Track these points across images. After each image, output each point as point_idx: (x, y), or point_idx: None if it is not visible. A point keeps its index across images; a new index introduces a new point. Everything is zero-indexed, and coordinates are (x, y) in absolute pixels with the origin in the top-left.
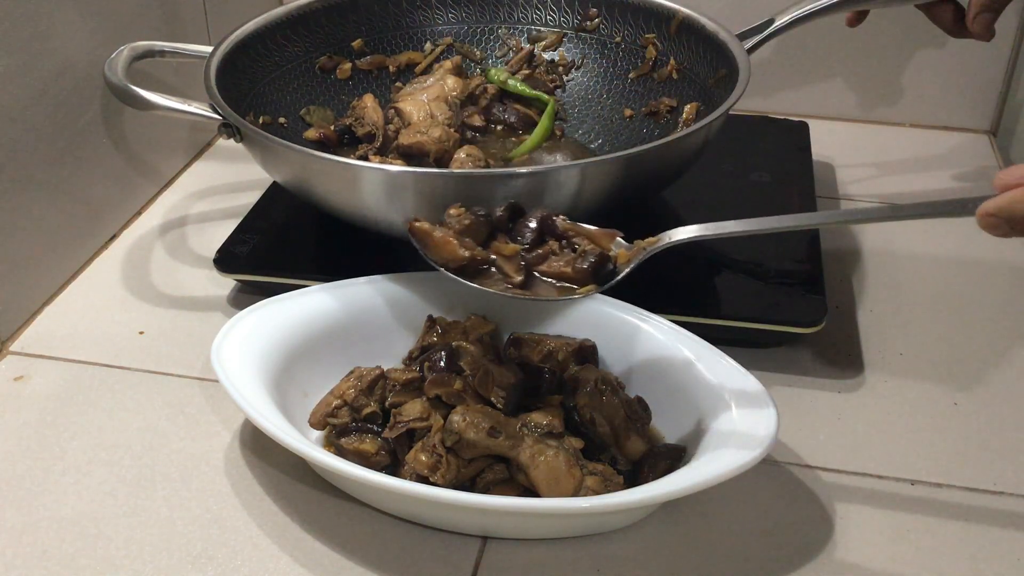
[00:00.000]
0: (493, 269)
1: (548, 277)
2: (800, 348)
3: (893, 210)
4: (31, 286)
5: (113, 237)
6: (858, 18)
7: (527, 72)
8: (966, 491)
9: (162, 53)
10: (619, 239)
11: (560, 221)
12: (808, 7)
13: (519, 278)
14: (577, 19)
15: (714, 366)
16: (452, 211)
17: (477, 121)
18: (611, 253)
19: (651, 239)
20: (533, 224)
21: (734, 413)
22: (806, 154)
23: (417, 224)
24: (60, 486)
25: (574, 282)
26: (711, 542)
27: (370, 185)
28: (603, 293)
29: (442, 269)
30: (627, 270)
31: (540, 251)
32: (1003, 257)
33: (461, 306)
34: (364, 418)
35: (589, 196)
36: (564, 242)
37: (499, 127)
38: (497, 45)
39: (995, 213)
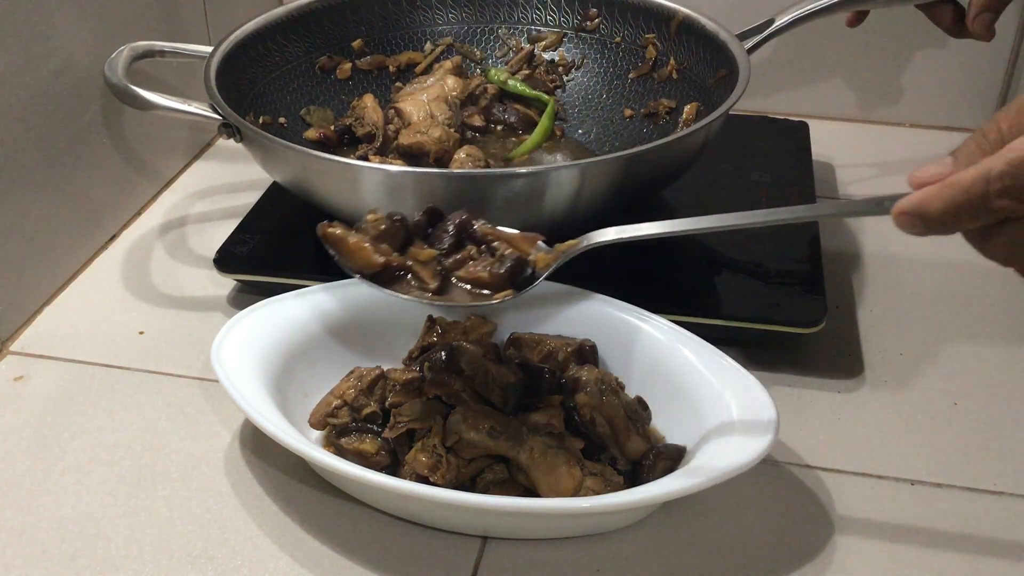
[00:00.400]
0: (409, 276)
1: (465, 283)
2: (800, 348)
3: (810, 210)
4: (31, 286)
5: (113, 237)
6: (858, 18)
7: (527, 72)
8: (966, 491)
9: (162, 53)
10: (540, 243)
11: (480, 225)
12: (808, 7)
13: (435, 284)
14: (577, 19)
15: (714, 366)
16: (369, 216)
17: (477, 121)
18: (530, 257)
19: (571, 242)
20: (451, 229)
21: (734, 413)
22: (806, 154)
23: (330, 229)
24: (60, 486)
25: (490, 287)
26: (711, 542)
27: (370, 185)
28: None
29: (357, 276)
30: (546, 274)
31: (458, 256)
32: None
33: None
34: (364, 418)
35: (589, 196)
36: (483, 247)
37: (499, 127)
38: (497, 45)
39: (909, 211)
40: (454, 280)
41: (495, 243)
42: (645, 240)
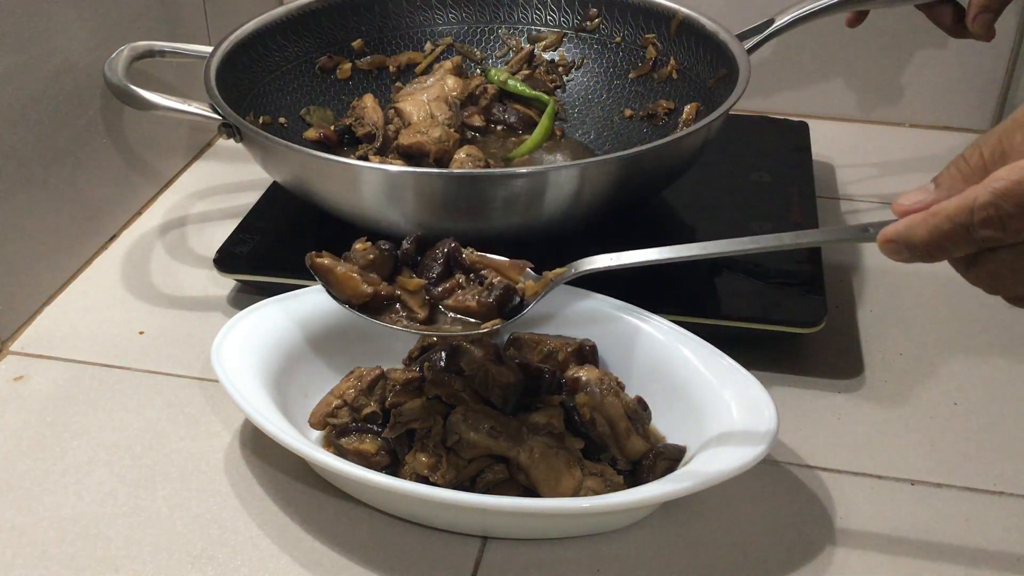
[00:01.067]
0: (398, 305)
1: (454, 312)
2: (800, 348)
3: (795, 237)
4: (31, 286)
5: (113, 237)
6: (858, 18)
7: (527, 72)
8: (966, 491)
9: (162, 53)
10: (528, 270)
11: (468, 253)
12: (808, 7)
13: (423, 314)
14: (577, 19)
15: (714, 366)
16: (357, 245)
17: (477, 121)
18: (519, 285)
19: (559, 270)
20: (439, 257)
21: (734, 413)
22: (806, 154)
23: (318, 259)
24: (60, 486)
25: (479, 316)
26: (711, 542)
27: (370, 185)
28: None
29: (346, 306)
30: (535, 303)
31: (446, 285)
32: None
33: None
34: (364, 418)
35: (589, 196)
36: (472, 275)
37: (499, 127)
38: (497, 45)
39: (894, 239)
40: (442, 309)
41: (483, 271)
42: (636, 266)
